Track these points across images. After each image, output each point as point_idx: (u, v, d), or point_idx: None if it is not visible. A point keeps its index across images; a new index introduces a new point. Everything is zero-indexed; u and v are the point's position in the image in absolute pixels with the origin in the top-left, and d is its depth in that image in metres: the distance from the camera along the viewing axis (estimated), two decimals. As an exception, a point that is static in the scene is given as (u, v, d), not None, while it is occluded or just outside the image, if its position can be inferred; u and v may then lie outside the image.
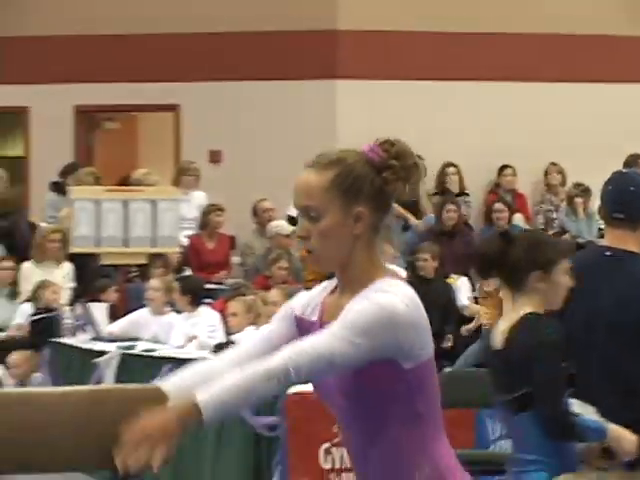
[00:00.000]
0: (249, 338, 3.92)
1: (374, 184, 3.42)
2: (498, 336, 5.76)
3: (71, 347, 12.30)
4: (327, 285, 3.68)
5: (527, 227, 16.42)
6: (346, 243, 3.41)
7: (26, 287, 13.09)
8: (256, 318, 11.71)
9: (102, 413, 4.34)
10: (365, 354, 3.32)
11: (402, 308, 3.33)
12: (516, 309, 5.81)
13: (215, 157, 17.46)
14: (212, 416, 3.26)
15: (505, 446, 9.59)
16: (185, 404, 3.28)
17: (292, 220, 15.19)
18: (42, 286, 12.73)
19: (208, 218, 16.11)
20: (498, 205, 16.41)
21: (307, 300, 3.70)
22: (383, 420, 3.49)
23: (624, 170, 10.08)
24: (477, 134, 17.33)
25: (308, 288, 4.40)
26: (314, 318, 3.61)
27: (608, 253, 6.37)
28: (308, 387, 4.25)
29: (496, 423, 10.21)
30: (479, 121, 17.46)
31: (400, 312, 3.31)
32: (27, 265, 13.30)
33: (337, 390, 3.49)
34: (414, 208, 16.58)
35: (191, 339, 11.84)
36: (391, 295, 3.37)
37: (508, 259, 5.66)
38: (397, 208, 17.35)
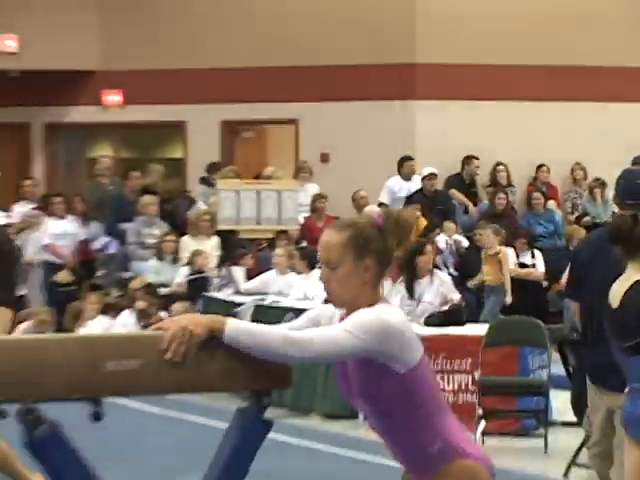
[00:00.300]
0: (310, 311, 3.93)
1: (379, 243, 3.49)
2: (615, 297, 5.64)
3: (217, 300, 12.42)
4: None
5: (558, 211, 16.31)
6: (356, 287, 3.46)
7: (184, 255, 13.28)
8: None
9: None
10: (365, 347, 3.37)
11: (393, 319, 3.41)
12: (630, 276, 5.67)
13: (324, 158, 17.16)
14: (231, 337, 3.27)
15: (542, 374, 10.13)
16: (217, 318, 3.33)
17: (382, 205, 14.78)
18: (196, 254, 12.95)
19: (316, 204, 15.95)
20: (536, 194, 16.09)
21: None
22: (390, 413, 3.53)
23: (632, 168, 9.01)
24: (522, 141, 16.45)
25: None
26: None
27: None
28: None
29: (535, 357, 10.34)
30: (523, 133, 16.47)
31: (391, 322, 3.38)
32: (185, 238, 13.51)
33: (354, 393, 3.54)
34: (473, 196, 16.26)
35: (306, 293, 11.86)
36: (386, 310, 3.45)
37: (633, 235, 5.59)
38: (460, 196, 16.35)
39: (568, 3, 17.61)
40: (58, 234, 14.71)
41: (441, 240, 14.17)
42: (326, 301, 4.20)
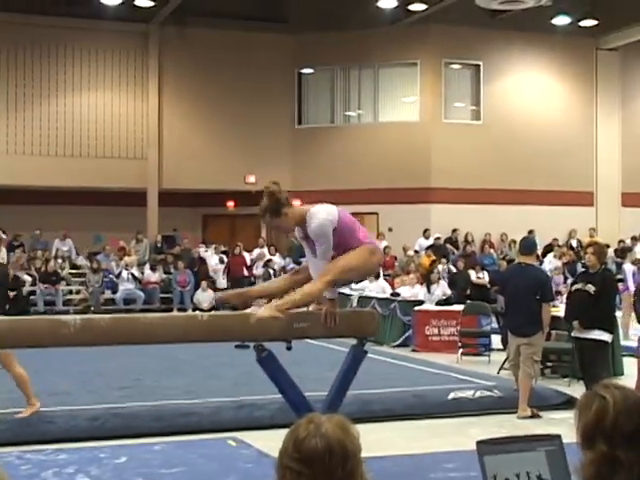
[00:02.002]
0: None
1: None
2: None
3: (340, 293, 12.66)
4: None
5: (494, 254, 24.27)
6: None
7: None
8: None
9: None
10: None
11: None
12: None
13: (390, 229, 25.21)
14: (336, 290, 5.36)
15: (487, 328, 14.72)
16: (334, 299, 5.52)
17: (415, 252, 23.65)
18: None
19: (385, 250, 22.51)
20: (485, 247, 24.51)
21: None
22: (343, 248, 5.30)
23: (526, 236, 14.10)
24: (480, 224, 24.89)
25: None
26: None
27: None
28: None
29: (484, 320, 14.81)
30: (481, 220, 24.94)
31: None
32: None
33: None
34: (456, 247, 24.69)
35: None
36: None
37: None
38: (451, 247, 24.21)
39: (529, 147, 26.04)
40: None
41: (441, 268, 21.12)
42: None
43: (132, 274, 23.82)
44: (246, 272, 24.41)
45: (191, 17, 25.66)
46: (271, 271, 23.63)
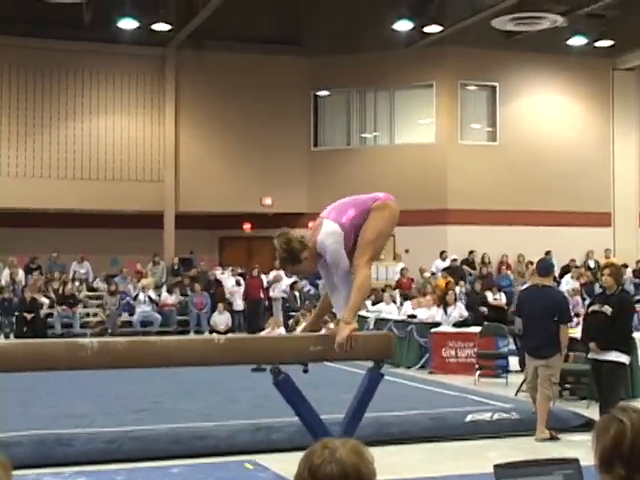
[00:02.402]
0: None
1: None
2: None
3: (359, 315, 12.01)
4: None
5: (511, 276, 24.25)
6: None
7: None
8: None
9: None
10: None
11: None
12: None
13: (407, 251, 25.36)
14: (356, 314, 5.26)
15: (505, 349, 14.66)
16: (352, 326, 5.31)
17: (432, 274, 23.68)
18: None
19: (402, 272, 24.10)
20: (502, 268, 24.62)
21: None
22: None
23: (543, 257, 15.29)
24: (496, 245, 24.97)
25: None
26: None
27: None
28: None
29: (502, 341, 14.64)
30: (497, 241, 25.17)
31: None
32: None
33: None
34: (473, 268, 24.64)
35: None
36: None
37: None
38: (468, 268, 24.22)
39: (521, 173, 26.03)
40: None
41: (457, 289, 20.69)
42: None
43: (149, 296, 23.85)
44: (262, 294, 24.44)
45: (207, 40, 25.83)
46: (297, 293, 23.64)
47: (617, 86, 27.84)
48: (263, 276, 24.75)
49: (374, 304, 20.00)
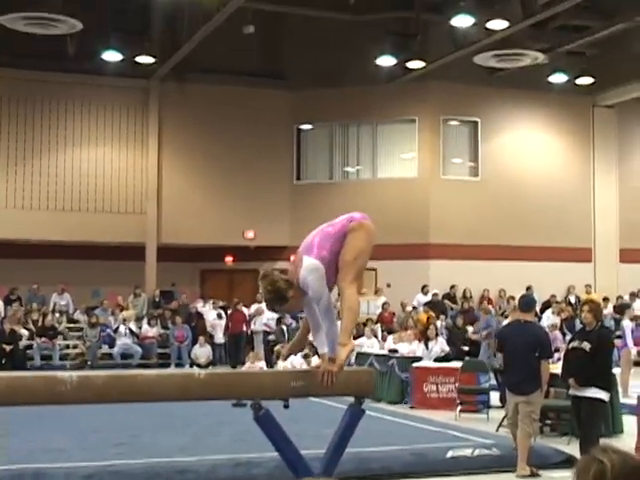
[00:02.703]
0: None
1: None
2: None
3: None
4: None
5: (492, 310, 23.85)
6: None
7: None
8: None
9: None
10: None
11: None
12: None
13: (388, 285, 25.28)
14: (347, 354, 5.40)
15: (486, 385, 14.50)
16: (341, 361, 5.36)
17: (414, 308, 23.44)
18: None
19: (384, 307, 23.96)
20: (483, 303, 24.52)
21: None
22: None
23: (525, 293, 16.23)
24: (478, 279, 25.07)
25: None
26: None
27: None
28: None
29: (483, 377, 14.59)
30: (478, 275, 25.13)
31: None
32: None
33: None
34: (454, 303, 24.67)
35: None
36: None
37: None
38: (449, 303, 24.22)
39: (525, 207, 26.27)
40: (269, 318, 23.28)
41: (439, 324, 20.87)
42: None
43: (130, 329, 23.79)
44: (245, 327, 24.37)
45: (191, 73, 25.93)
46: (284, 327, 23.58)
47: (597, 123, 28.11)
48: (245, 309, 24.67)
49: (355, 338, 19.61)
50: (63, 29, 20.86)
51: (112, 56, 23.47)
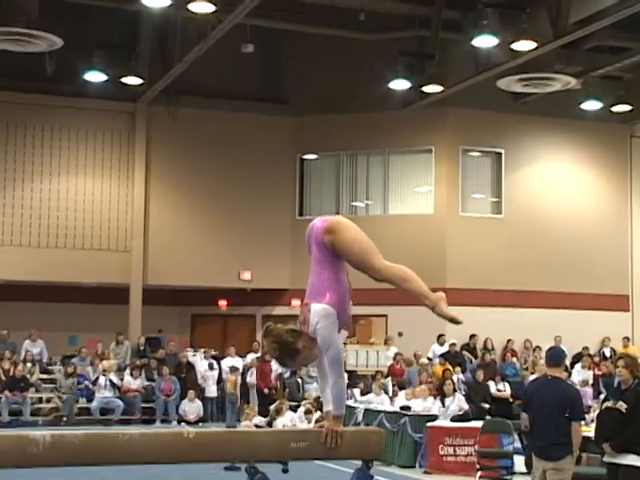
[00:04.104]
0: None
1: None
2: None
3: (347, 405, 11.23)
4: None
5: (517, 363, 24.20)
6: None
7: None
8: None
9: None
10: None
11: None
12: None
13: (400, 334, 25.23)
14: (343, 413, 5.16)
15: (510, 448, 14.59)
16: (340, 420, 5.32)
17: (429, 359, 23.36)
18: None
19: (396, 357, 23.54)
20: (507, 355, 24.71)
21: None
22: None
23: (553, 346, 13.89)
24: (499, 328, 25.09)
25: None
26: None
27: None
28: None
29: (506, 439, 14.69)
30: (500, 324, 25.14)
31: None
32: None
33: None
34: (474, 355, 24.57)
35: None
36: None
37: None
38: (468, 354, 23.85)
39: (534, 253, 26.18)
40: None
41: (456, 378, 20.88)
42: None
43: (110, 380, 23.71)
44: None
45: (182, 96, 26.01)
46: (299, 380, 23.64)
47: (636, 155, 28.10)
48: (239, 359, 24.72)
49: (363, 394, 19.90)
50: (41, 46, 20.82)
51: (95, 76, 23.52)
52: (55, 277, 25.38)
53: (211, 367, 24.69)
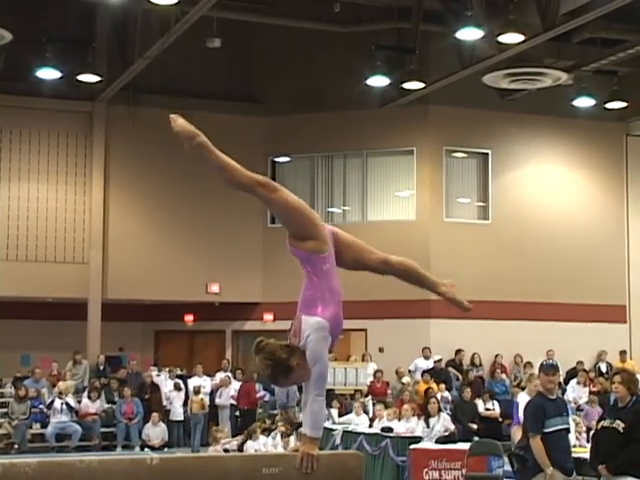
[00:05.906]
0: None
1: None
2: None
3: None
4: None
5: (507, 380, 24.24)
6: None
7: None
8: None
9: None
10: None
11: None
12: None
13: (381, 350, 25.33)
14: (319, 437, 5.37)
15: (499, 471, 14.75)
16: (316, 444, 5.49)
17: (409, 372, 24.70)
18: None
19: (376, 375, 23.65)
20: (496, 371, 24.66)
21: None
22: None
23: (547, 359, 14.76)
24: (487, 342, 25.11)
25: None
26: None
27: None
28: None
29: (495, 461, 14.86)
30: (488, 338, 25.10)
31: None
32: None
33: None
34: (460, 371, 24.56)
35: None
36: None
37: None
38: (454, 371, 23.93)
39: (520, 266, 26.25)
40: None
41: (441, 396, 21.03)
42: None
43: (67, 403, 23.65)
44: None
45: (144, 95, 25.97)
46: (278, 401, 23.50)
47: (632, 154, 28.11)
48: (207, 378, 24.75)
49: (341, 415, 19.99)
50: (-12, 41, 20.56)
51: (48, 73, 23.40)
52: (5, 292, 25.14)
53: (177, 387, 24.60)
